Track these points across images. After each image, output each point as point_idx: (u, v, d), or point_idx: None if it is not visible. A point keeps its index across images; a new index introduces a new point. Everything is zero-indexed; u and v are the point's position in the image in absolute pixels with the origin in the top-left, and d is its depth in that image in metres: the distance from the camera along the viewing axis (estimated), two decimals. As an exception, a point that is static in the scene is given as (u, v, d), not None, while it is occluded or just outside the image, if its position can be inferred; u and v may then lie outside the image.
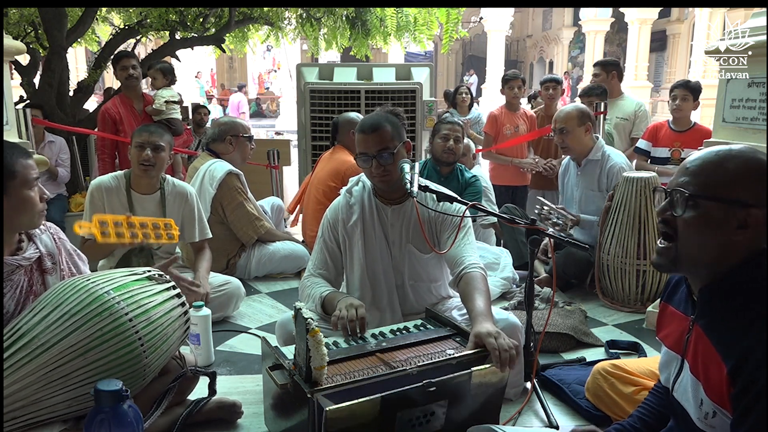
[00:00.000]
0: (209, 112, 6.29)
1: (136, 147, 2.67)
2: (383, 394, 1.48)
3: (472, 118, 5.64)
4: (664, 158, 3.85)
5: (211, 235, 3.00)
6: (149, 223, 2.40)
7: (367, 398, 1.46)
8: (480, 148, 4.78)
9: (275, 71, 20.44)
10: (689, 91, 3.81)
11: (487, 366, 1.62)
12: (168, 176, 2.86)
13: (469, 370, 1.60)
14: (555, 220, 3.19)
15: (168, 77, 4.26)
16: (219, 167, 3.36)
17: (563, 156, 3.65)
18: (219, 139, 3.50)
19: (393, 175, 2.00)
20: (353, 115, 3.70)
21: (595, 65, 4.55)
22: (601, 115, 3.94)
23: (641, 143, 3.96)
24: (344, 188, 2.24)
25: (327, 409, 1.41)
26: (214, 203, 3.33)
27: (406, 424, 1.58)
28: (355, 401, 1.45)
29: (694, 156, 1.24)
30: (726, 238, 1.16)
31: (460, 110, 5.65)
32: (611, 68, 4.38)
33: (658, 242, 1.27)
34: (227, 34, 5.91)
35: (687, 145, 3.78)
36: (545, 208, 3.24)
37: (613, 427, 1.47)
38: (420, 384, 1.53)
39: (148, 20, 5.45)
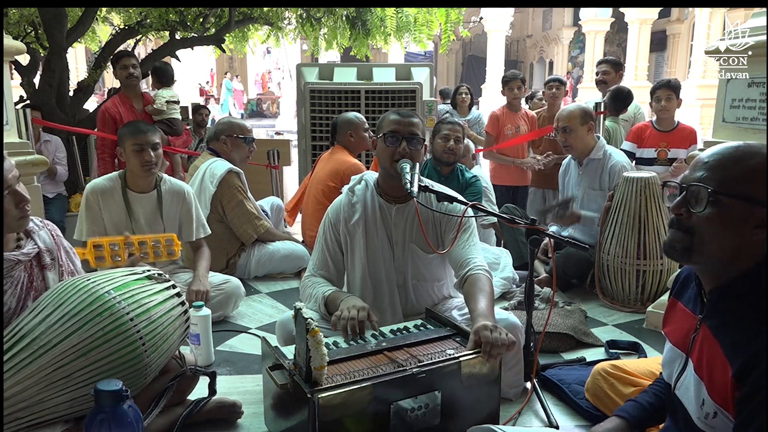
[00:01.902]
0: (209, 112, 6.29)
1: (134, 149, 2.62)
2: (374, 381, 1.53)
3: (472, 118, 5.64)
4: (650, 159, 3.84)
5: (210, 232, 3.00)
6: (148, 241, 2.38)
7: (359, 386, 1.51)
8: (480, 148, 4.78)
9: (276, 71, 20.49)
10: (672, 90, 3.80)
11: (475, 355, 1.65)
12: (165, 175, 2.85)
13: (457, 360, 1.65)
14: (556, 211, 3.21)
15: (161, 78, 4.26)
16: (219, 165, 3.37)
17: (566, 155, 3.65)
18: (215, 139, 3.50)
19: (414, 161, 2.03)
20: (352, 115, 3.70)
21: (604, 63, 4.52)
22: (602, 115, 3.94)
23: (626, 145, 3.94)
24: (346, 186, 2.23)
25: (319, 396, 1.45)
26: (213, 201, 3.33)
27: (402, 417, 1.59)
28: (347, 389, 1.49)
29: (710, 151, 1.20)
30: (743, 237, 1.13)
31: (460, 111, 5.65)
32: (619, 68, 4.44)
33: (670, 229, 1.23)
34: (227, 34, 5.91)
35: (673, 145, 3.78)
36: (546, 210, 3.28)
37: (628, 404, 1.47)
38: (410, 371, 1.57)
39: (148, 20, 5.45)
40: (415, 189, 1.88)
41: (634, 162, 3.88)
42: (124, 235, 2.34)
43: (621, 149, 3.91)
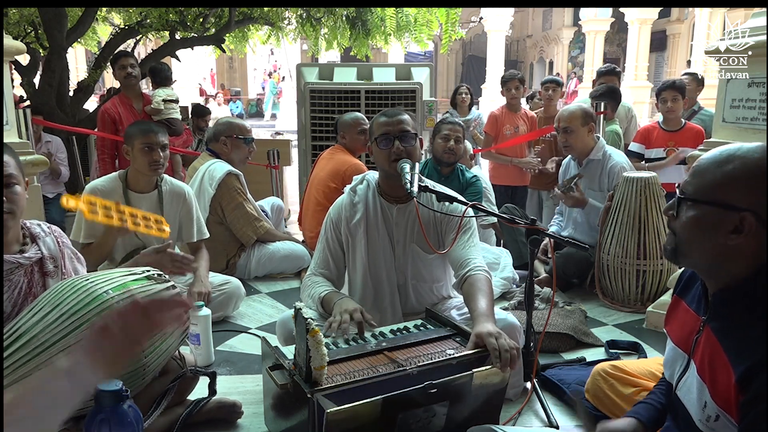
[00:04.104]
0: (209, 113, 6.28)
1: (143, 148, 2.62)
2: (384, 395, 1.48)
3: (472, 118, 5.63)
4: (659, 159, 3.86)
5: (208, 235, 3.00)
6: (139, 214, 2.37)
7: (369, 400, 1.46)
8: (479, 148, 4.78)
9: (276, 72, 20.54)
10: (677, 91, 3.82)
11: (489, 367, 1.62)
12: (165, 175, 2.84)
13: (470, 372, 1.60)
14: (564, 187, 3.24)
15: (156, 78, 4.26)
16: (218, 167, 3.36)
17: (564, 156, 3.65)
18: (215, 139, 3.49)
19: (412, 159, 2.03)
20: (349, 116, 3.67)
21: (607, 74, 4.54)
22: (603, 115, 3.94)
23: (633, 146, 3.97)
24: (348, 186, 2.24)
25: (328, 410, 1.40)
26: (213, 203, 3.32)
27: (408, 424, 1.58)
28: (356, 403, 1.44)
29: (705, 154, 1.21)
30: (720, 241, 1.14)
31: (459, 111, 5.64)
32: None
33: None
34: (227, 34, 5.92)
35: (681, 144, 3.80)
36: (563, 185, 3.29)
37: (639, 406, 1.47)
38: (421, 386, 1.53)
39: (148, 20, 5.46)
40: (415, 189, 1.88)
41: (643, 162, 3.89)
42: (116, 201, 2.33)
43: (629, 150, 3.92)
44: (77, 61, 17.06)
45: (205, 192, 3.30)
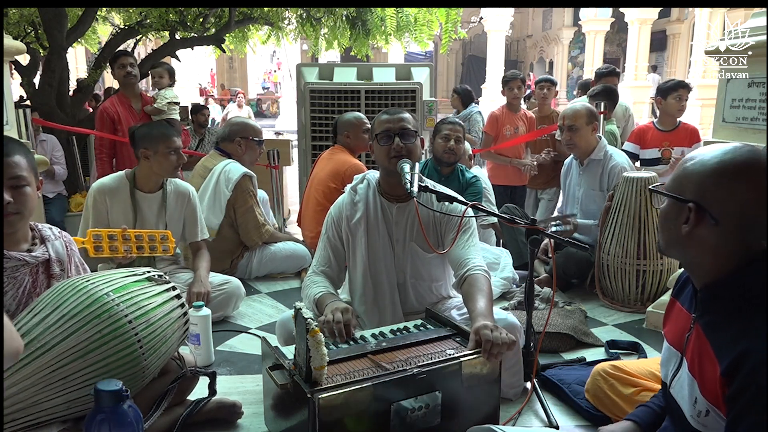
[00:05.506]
0: (209, 112, 6.28)
1: (168, 152, 2.68)
2: (374, 381, 1.53)
3: (463, 115, 5.56)
4: (654, 159, 3.86)
5: (208, 236, 3.00)
6: (145, 236, 2.41)
7: (359, 386, 1.51)
8: (478, 148, 4.77)
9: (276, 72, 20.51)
10: (688, 90, 3.86)
11: (477, 355, 1.66)
12: None
13: (458, 360, 1.65)
14: (554, 227, 3.22)
15: (173, 78, 4.28)
16: (234, 168, 3.35)
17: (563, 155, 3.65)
18: (228, 139, 3.49)
19: (412, 157, 2.04)
20: (352, 115, 3.67)
21: (607, 75, 4.60)
22: (602, 115, 3.94)
23: (628, 146, 3.97)
24: (349, 185, 2.25)
25: (320, 396, 1.45)
26: (228, 206, 3.32)
27: (402, 418, 1.59)
28: (347, 389, 1.50)
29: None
30: (678, 231, 1.21)
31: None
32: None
33: None
34: (227, 34, 5.91)
35: (676, 144, 3.81)
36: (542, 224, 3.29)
37: (639, 409, 1.49)
38: (410, 372, 1.57)
39: (148, 20, 5.45)
40: (415, 189, 1.88)
41: (638, 163, 3.89)
42: (121, 228, 2.36)
43: (623, 150, 3.92)
44: (77, 61, 17.04)
45: (221, 194, 3.30)
